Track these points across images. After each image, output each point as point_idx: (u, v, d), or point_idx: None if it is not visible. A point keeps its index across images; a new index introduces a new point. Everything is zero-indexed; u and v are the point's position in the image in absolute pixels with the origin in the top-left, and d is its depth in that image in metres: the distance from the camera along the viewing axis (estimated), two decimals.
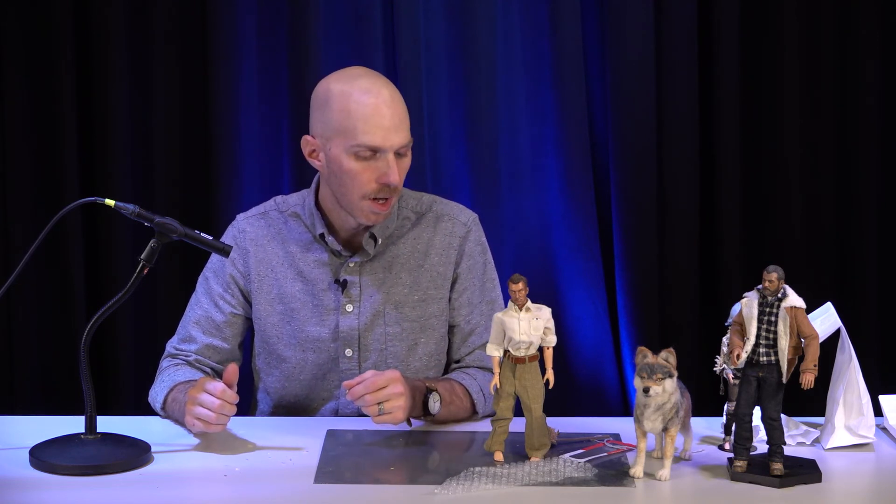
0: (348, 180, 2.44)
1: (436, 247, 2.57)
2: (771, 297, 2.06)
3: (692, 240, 3.57)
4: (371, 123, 2.40)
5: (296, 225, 2.59)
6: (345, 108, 2.42)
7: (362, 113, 2.41)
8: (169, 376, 2.54)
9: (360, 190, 2.44)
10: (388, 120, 2.41)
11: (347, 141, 2.42)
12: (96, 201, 2.23)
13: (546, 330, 2.14)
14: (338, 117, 2.43)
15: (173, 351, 2.63)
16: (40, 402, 3.53)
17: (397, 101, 2.46)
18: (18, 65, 3.46)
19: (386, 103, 2.43)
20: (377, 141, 2.40)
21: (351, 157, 2.42)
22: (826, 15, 3.53)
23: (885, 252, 3.59)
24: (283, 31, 3.50)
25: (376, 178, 2.42)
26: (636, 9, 3.50)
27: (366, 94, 2.43)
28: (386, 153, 2.42)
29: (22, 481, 2.10)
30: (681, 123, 3.54)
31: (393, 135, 2.41)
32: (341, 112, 2.43)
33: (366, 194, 2.44)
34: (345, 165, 2.43)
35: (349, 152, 2.42)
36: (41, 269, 3.47)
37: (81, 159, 3.49)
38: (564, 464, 2.14)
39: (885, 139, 3.56)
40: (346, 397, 2.33)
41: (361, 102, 2.42)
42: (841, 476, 2.14)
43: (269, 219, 2.61)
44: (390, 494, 2.04)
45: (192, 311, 2.62)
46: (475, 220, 2.64)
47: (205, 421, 2.27)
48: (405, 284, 2.55)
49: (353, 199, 2.45)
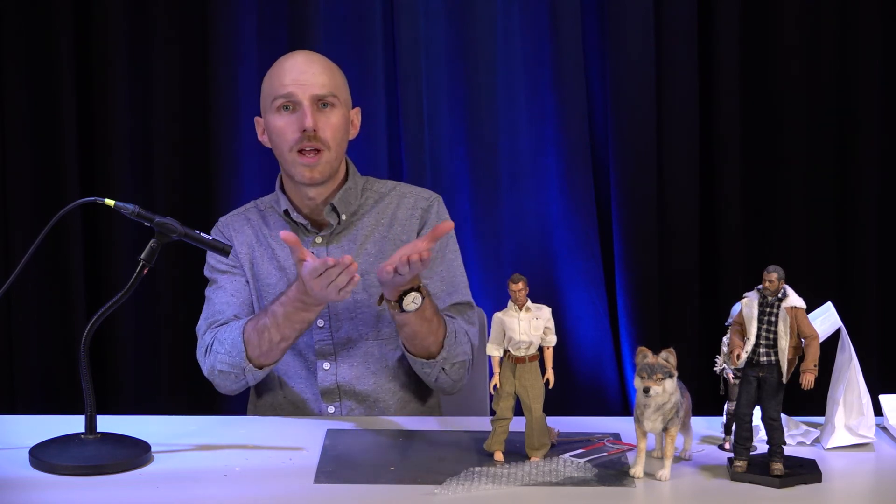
0: (276, 137, 2.56)
1: (399, 219, 2.64)
2: (771, 297, 2.06)
3: (692, 240, 3.58)
4: (285, 77, 2.54)
5: (271, 216, 2.67)
6: (269, 74, 2.60)
7: (279, 71, 2.57)
8: (228, 332, 2.52)
9: (286, 142, 2.54)
10: (301, 71, 2.54)
11: (270, 99, 2.56)
12: (96, 201, 2.23)
13: (546, 330, 2.15)
14: (265, 85, 2.59)
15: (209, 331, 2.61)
16: (40, 402, 3.53)
17: (316, 59, 2.59)
18: (18, 65, 3.46)
19: (302, 61, 2.57)
20: (289, 88, 2.53)
21: (275, 114, 2.55)
22: (826, 15, 3.53)
23: (885, 252, 3.59)
24: (283, 31, 3.50)
25: (297, 126, 2.53)
26: (636, 9, 3.50)
27: (286, 58, 2.60)
28: (302, 103, 2.52)
29: (22, 481, 2.10)
30: (681, 123, 3.55)
31: (307, 84, 2.53)
32: (267, 78, 2.59)
33: (291, 146, 2.54)
34: (271, 124, 2.56)
35: (272, 110, 2.56)
36: (41, 269, 3.48)
37: (81, 159, 3.50)
38: (564, 464, 2.14)
39: (885, 139, 3.56)
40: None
41: (281, 64, 2.59)
42: (841, 476, 2.14)
43: (248, 213, 2.71)
44: (390, 494, 2.04)
45: (210, 301, 2.64)
46: (438, 199, 2.70)
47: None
48: (370, 254, 2.61)
49: (286, 156, 2.56)
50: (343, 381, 2.60)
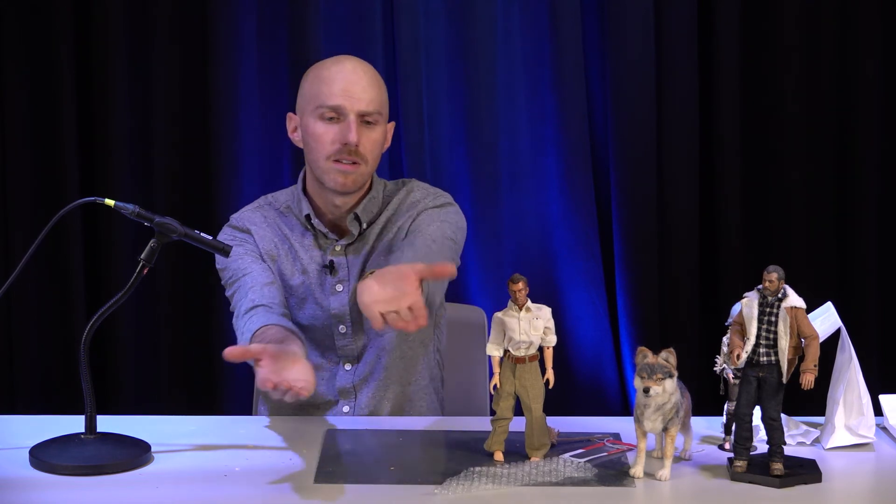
0: (314, 143, 2.53)
1: (402, 214, 2.61)
2: (771, 297, 2.06)
3: (692, 240, 3.58)
4: (334, 86, 2.51)
5: (289, 217, 2.64)
6: (315, 77, 2.56)
7: (327, 77, 2.53)
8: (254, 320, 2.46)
9: (324, 150, 2.52)
10: (351, 83, 2.51)
11: (314, 105, 2.53)
12: (96, 201, 2.23)
13: (546, 330, 2.14)
14: (309, 87, 2.55)
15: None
16: (40, 402, 3.53)
17: (365, 71, 2.55)
18: (19, 65, 3.46)
19: (351, 70, 2.54)
20: (337, 100, 2.50)
21: (318, 121, 2.52)
22: (826, 15, 3.53)
23: (885, 252, 3.59)
24: (283, 31, 3.51)
25: (339, 139, 2.50)
26: (636, 9, 3.50)
27: (335, 63, 2.56)
28: (347, 115, 2.50)
29: (22, 481, 2.10)
30: (681, 123, 3.55)
31: (355, 97, 2.50)
32: (312, 81, 2.56)
33: (329, 155, 2.51)
34: (311, 129, 2.53)
35: (315, 115, 2.52)
36: (41, 269, 3.48)
37: (81, 159, 3.50)
38: (564, 464, 2.14)
39: (885, 139, 3.56)
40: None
41: (328, 69, 2.55)
42: (841, 476, 2.14)
43: (263, 210, 2.67)
44: (390, 494, 2.04)
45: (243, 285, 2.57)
46: (448, 197, 2.65)
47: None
48: (387, 263, 2.57)
49: (320, 162, 2.53)
50: (359, 380, 2.61)
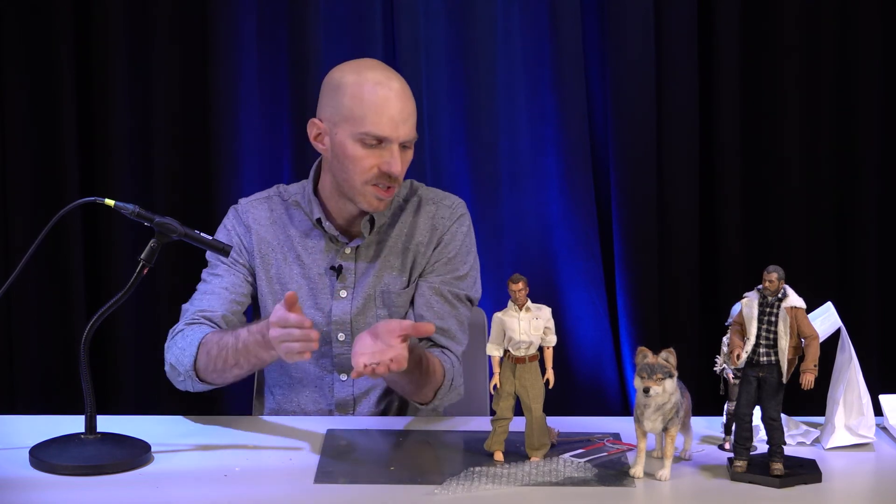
0: (351, 165, 2.48)
1: (419, 228, 2.59)
2: (771, 297, 2.06)
3: (692, 240, 3.58)
4: (381, 114, 2.45)
5: (297, 212, 2.62)
6: (357, 96, 2.46)
7: (373, 102, 2.45)
8: (192, 334, 2.46)
9: (363, 176, 2.48)
10: (398, 112, 2.46)
11: (355, 128, 2.46)
12: (96, 201, 2.23)
13: (546, 330, 2.14)
14: (349, 104, 2.47)
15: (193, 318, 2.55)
16: (40, 402, 3.53)
17: (407, 95, 2.50)
18: (19, 65, 3.46)
19: (397, 95, 2.47)
20: (385, 131, 2.45)
21: (357, 144, 2.47)
22: (826, 15, 3.53)
23: (885, 252, 3.59)
24: (283, 31, 3.50)
25: (379, 165, 2.47)
26: (636, 9, 3.50)
27: (378, 85, 2.47)
28: (391, 143, 2.46)
29: (22, 481, 2.10)
30: (681, 123, 3.55)
31: (400, 127, 2.46)
32: (353, 99, 2.46)
33: (367, 180, 2.48)
34: (349, 151, 2.47)
35: (355, 139, 2.46)
36: (41, 269, 3.47)
37: (81, 159, 3.50)
38: (564, 464, 2.14)
39: (885, 139, 3.56)
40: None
41: (373, 92, 2.46)
42: (841, 476, 2.14)
43: (272, 203, 2.64)
44: (390, 494, 2.04)
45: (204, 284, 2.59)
46: (462, 205, 2.65)
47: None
48: (394, 268, 2.58)
49: (356, 185, 2.49)
50: (359, 392, 2.60)
